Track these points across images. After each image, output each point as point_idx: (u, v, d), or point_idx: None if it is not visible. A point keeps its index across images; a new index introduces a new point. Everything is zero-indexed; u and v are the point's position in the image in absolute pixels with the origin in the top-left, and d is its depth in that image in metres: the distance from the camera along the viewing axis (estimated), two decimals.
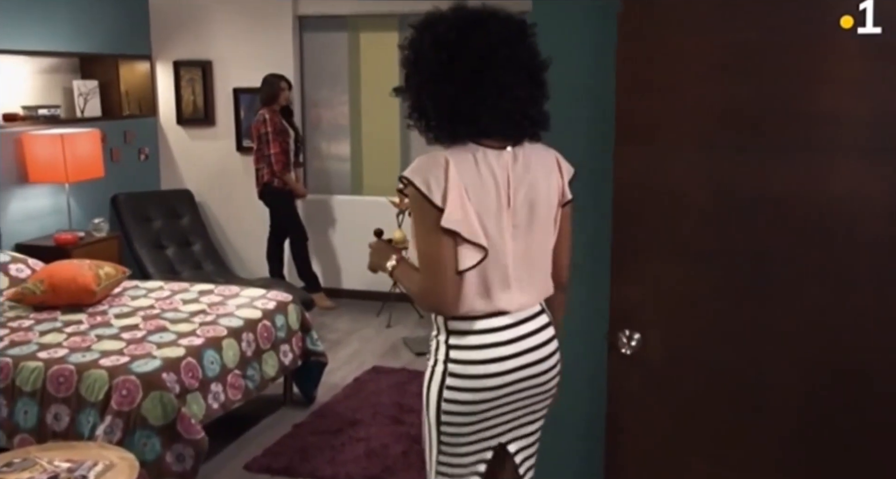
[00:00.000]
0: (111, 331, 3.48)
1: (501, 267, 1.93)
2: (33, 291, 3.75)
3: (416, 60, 1.90)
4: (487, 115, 1.86)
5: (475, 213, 1.86)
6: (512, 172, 1.93)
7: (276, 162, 5.37)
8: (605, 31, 2.20)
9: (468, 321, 1.92)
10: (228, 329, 3.54)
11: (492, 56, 1.84)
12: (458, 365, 1.91)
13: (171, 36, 5.98)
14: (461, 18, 1.87)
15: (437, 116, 1.90)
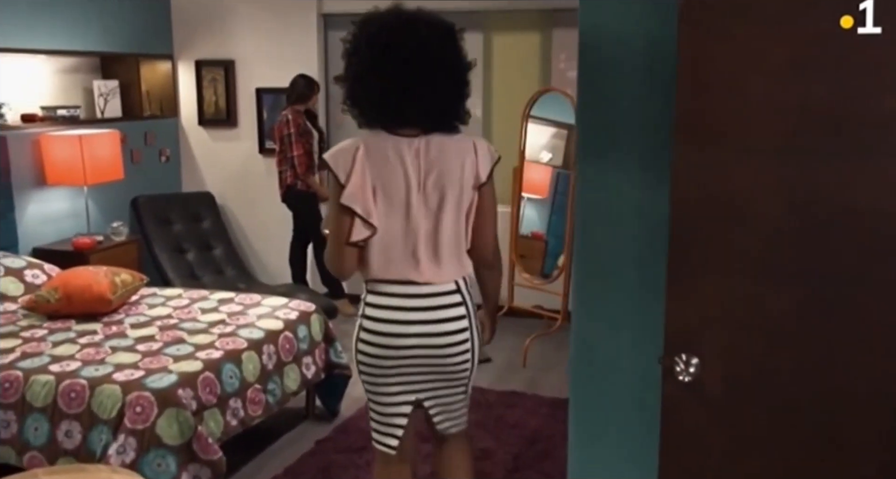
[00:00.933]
0: (126, 342, 3.32)
1: (410, 243, 2.18)
2: (47, 299, 3.61)
3: (352, 54, 2.17)
4: (410, 108, 2.14)
5: (377, 193, 2.14)
6: (423, 158, 2.17)
7: (300, 164, 5.21)
8: (663, 23, 2.00)
9: (379, 284, 2.23)
10: (249, 341, 3.37)
11: (417, 55, 2.09)
12: (368, 321, 2.24)
13: (193, 35, 5.84)
14: (393, 20, 2.12)
15: (367, 105, 2.18)
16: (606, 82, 2.17)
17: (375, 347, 2.23)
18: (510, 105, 5.44)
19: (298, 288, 5.23)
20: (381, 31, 2.13)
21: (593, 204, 2.24)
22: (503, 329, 5.26)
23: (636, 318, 2.21)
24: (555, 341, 4.95)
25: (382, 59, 2.12)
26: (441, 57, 2.16)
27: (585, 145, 2.24)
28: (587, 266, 2.29)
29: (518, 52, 5.44)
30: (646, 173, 2.15)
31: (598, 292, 2.29)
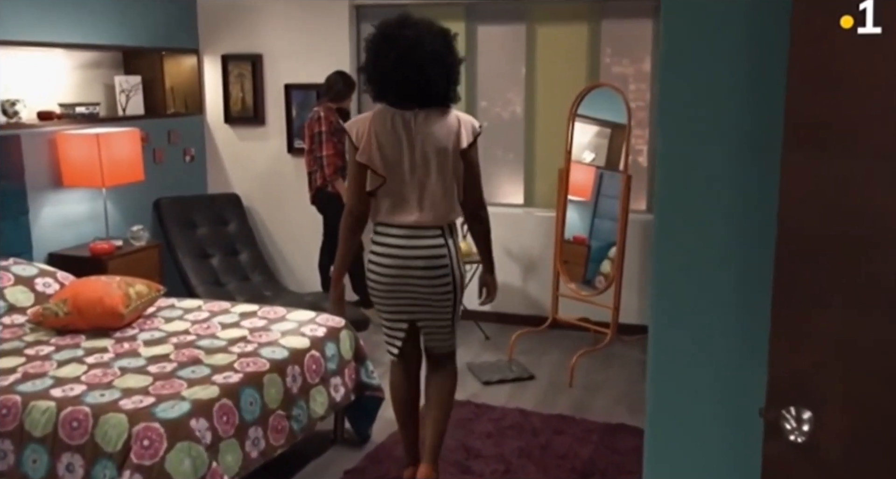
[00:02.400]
0: (137, 363, 3.02)
1: (403, 192, 2.82)
2: (56, 312, 3.33)
3: (369, 48, 2.81)
4: (406, 88, 2.77)
5: (380, 152, 2.79)
6: (414, 128, 2.80)
7: (328, 165, 4.88)
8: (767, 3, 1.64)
9: (382, 226, 2.88)
10: (271, 362, 3.05)
11: (412, 48, 2.70)
12: (373, 255, 2.90)
13: (220, 28, 5.55)
14: (399, 22, 2.77)
15: (376, 85, 2.83)
16: (696, 73, 1.80)
17: (382, 269, 2.88)
18: (554, 102, 5.07)
19: (328, 296, 4.89)
20: (388, 29, 2.79)
21: (678, 209, 1.88)
22: (546, 344, 4.98)
23: (731, 350, 1.85)
24: (604, 357, 4.58)
25: (387, 50, 2.75)
26: (432, 50, 2.75)
27: (669, 143, 1.87)
28: (668, 282, 1.93)
29: (564, 45, 5.07)
30: (745, 179, 1.78)
31: (682, 315, 1.92)
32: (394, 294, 2.91)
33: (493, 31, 5.28)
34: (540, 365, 4.55)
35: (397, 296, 2.91)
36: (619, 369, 4.50)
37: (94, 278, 3.58)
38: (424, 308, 2.94)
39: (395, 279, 2.87)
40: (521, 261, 5.23)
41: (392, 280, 2.87)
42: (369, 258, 2.90)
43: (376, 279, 2.90)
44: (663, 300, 1.93)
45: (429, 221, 2.82)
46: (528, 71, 5.18)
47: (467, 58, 5.23)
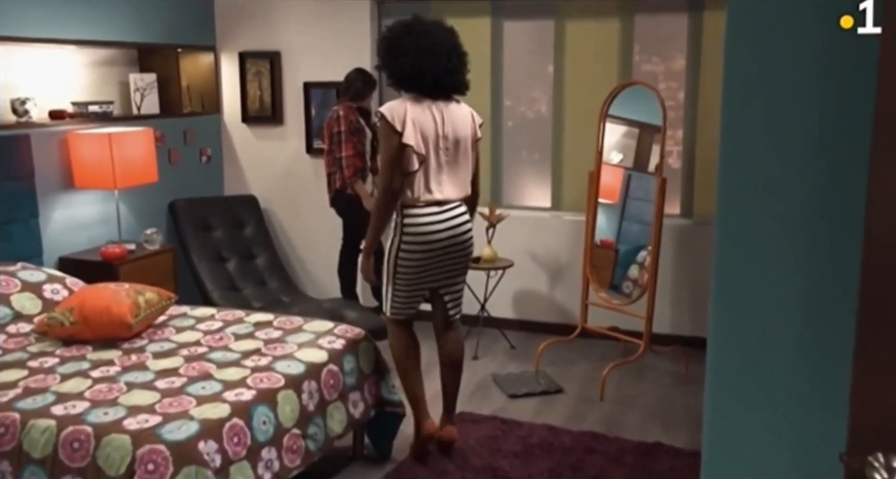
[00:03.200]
0: (145, 377, 2.84)
1: (436, 173, 3.12)
2: (61, 321, 3.17)
3: (390, 47, 3.10)
4: (437, 80, 3.09)
5: (420, 136, 3.06)
6: (445, 114, 3.14)
7: (348, 166, 4.69)
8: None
9: (417, 207, 3.12)
10: (286, 378, 2.87)
11: (437, 45, 3.07)
12: (409, 236, 3.12)
13: (237, 24, 5.38)
14: (418, 21, 3.13)
15: (402, 78, 3.11)
16: (766, 69, 1.60)
17: (422, 245, 3.15)
18: (583, 101, 4.86)
19: (347, 303, 4.74)
20: (409, 26, 3.11)
21: (742, 222, 1.68)
22: (574, 354, 4.77)
23: (802, 385, 1.64)
24: (635, 369, 4.36)
25: (416, 43, 3.06)
26: (451, 43, 3.15)
27: (732, 151, 1.67)
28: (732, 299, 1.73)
29: (594, 41, 4.85)
30: (818, 193, 1.58)
31: (745, 345, 1.72)
32: (429, 265, 3.20)
33: (520, 28, 5.07)
34: (568, 377, 4.34)
35: (432, 267, 3.21)
36: (652, 383, 4.28)
37: (102, 286, 3.42)
38: (451, 274, 3.29)
39: (434, 251, 3.17)
40: (548, 266, 5.02)
41: (431, 253, 3.16)
42: (405, 238, 3.13)
43: (415, 255, 3.15)
44: (724, 330, 1.73)
45: (456, 196, 3.21)
46: (556, 69, 4.96)
47: (494, 55, 5.04)
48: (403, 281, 3.22)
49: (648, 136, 4.42)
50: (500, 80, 5.09)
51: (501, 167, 5.19)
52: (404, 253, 3.15)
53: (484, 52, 5.04)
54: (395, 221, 3.16)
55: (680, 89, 4.76)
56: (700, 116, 4.67)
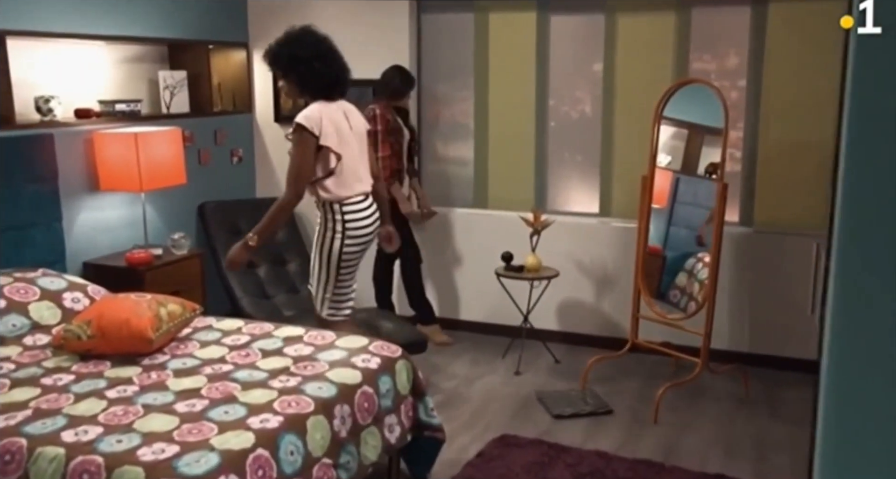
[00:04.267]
0: (164, 398, 2.62)
1: (356, 167, 3.38)
2: (78, 335, 2.96)
3: (295, 57, 3.30)
4: (341, 85, 3.40)
5: (337, 136, 3.28)
6: (347, 112, 3.42)
7: (385, 167, 4.45)
8: None
9: (352, 203, 3.35)
10: (317, 402, 2.62)
11: (332, 52, 3.39)
12: (351, 229, 3.34)
13: (271, 20, 5.16)
14: (314, 31, 3.39)
15: (317, 85, 3.33)
16: None
17: (361, 240, 3.39)
18: (635, 100, 4.56)
19: (382, 313, 4.49)
20: (313, 35, 3.36)
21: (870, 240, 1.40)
22: (622, 370, 4.49)
23: None
24: (691, 389, 4.05)
25: (321, 54, 3.31)
26: (337, 50, 3.41)
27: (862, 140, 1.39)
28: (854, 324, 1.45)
29: (648, 37, 4.54)
30: None
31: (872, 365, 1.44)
32: (362, 254, 3.44)
33: (568, 22, 4.79)
34: (618, 397, 4.05)
35: (362, 255, 3.46)
36: (711, 404, 3.97)
37: (122, 296, 3.20)
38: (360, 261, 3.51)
39: (368, 241, 3.43)
40: (595, 276, 4.73)
41: (366, 243, 3.42)
42: (348, 233, 3.32)
43: (356, 247, 3.37)
44: (844, 358, 1.44)
45: (369, 187, 3.45)
46: (606, 66, 4.66)
47: (539, 51, 4.76)
48: (345, 277, 3.41)
49: (698, 137, 4.14)
50: (546, 77, 4.81)
51: (546, 170, 4.91)
52: (348, 248, 3.33)
53: (529, 48, 4.77)
54: (329, 221, 3.33)
55: (733, 88, 4.44)
56: (762, 117, 4.34)
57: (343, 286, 3.44)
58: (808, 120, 4.23)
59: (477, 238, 4.96)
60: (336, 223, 3.32)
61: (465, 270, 5.02)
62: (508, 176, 4.97)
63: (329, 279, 3.39)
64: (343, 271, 3.39)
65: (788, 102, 4.27)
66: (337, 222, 3.32)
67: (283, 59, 3.30)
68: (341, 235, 3.31)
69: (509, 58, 4.86)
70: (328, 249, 3.34)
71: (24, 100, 3.90)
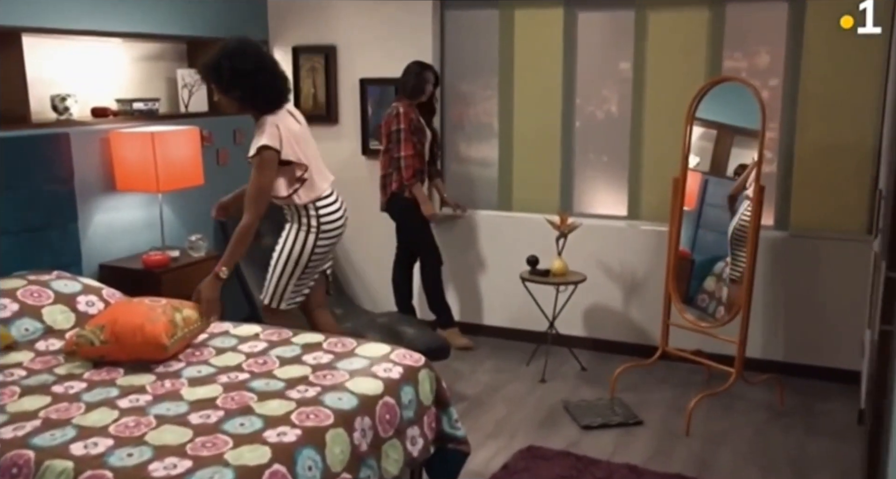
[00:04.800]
0: (178, 408, 2.51)
1: (319, 165, 3.44)
2: (91, 340, 2.86)
3: (240, 72, 3.20)
4: (279, 96, 3.31)
5: (297, 145, 3.31)
6: (294, 114, 3.44)
7: (407, 167, 4.34)
8: None
9: (324, 199, 3.41)
10: (336, 414, 2.50)
11: (273, 62, 3.37)
12: (326, 225, 3.42)
13: (291, 17, 5.07)
14: (247, 44, 3.31)
15: (264, 98, 3.28)
16: None
17: (333, 235, 3.45)
18: (666, 99, 4.42)
19: (403, 318, 4.37)
20: (255, 47, 3.30)
21: None
22: (652, 379, 4.35)
23: None
24: (724, 399, 3.90)
25: (269, 69, 3.28)
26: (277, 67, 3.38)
27: None
28: None
29: (680, 33, 4.39)
30: None
31: None
32: (332, 249, 3.53)
33: (596, 19, 4.64)
34: (647, 406, 3.90)
35: (332, 250, 3.54)
36: (744, 415, 3.82)
37: (136, 301, 3.11)
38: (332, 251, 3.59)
39: (340, 234, 3.51)
40: (623, 281, 4.58)
41: (339, 236, 3.50)
42: (322, 228, 3.38)
43: (328, 242, 3.44)
44: None
45: (332, 176, 3.53)
46: (635, 64, 4.52)
47: (566, 49, 4.63)
48: (311, 272, 3.47)
49: (727, 138, 4.00)
50: (573, 76, 4.67)
51: (572, 171, 4.77)
52: (321, 243, 3.41)
53: (555, 46, 4.64)
54: (303, 220, 3.38)
55: (764, 87, 4.28)
56: (800, 117, 4.18)
57: (305, 279, 3.49)
58: (846, 119, 4.06)
59: (501, 241, 4.83)
60: (311, 220, 3.38)
61: (488, 274, 4.89)
62: (534, 177, 4.83)
63: (294, 273, 3.43)
64: (311, 265, 3.43)
65: (826, 101, 4.10)
66: (311, 219, 3.38)
67: (226, 73, 3.17)
68: (316, 232, 3.38)
69: (535, 55, 4.72)
70: (301, 245, 3.39)
71: (40, 98, 3.82)
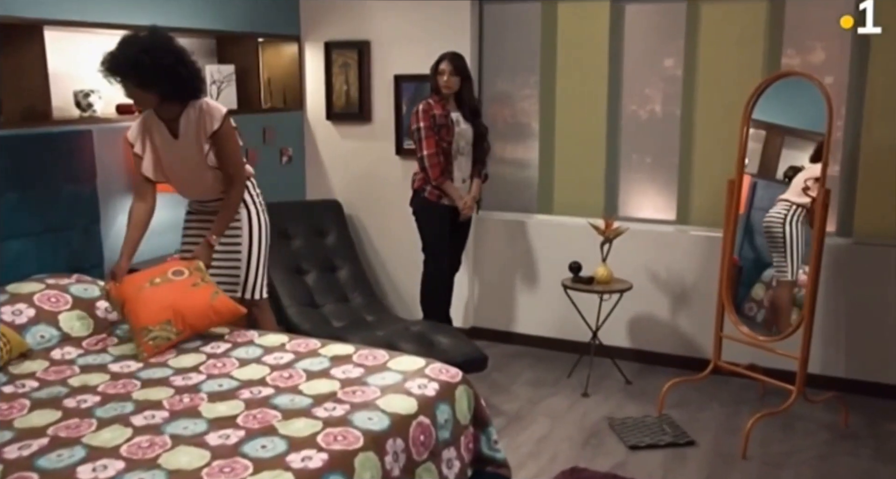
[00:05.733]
0: (195, 427, 2.31)
1: None
2: (168, 337, 2.83)
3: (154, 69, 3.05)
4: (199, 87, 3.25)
5: None
6: None
7: (431, 166, 4.08)
8: None
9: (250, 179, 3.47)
10: (366, 436, 2.29)
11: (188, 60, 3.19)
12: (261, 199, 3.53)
13: (324, 11, 4.89)
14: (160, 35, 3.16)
15: (176, 94, 3.17)
16: None
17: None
18: (719, 97, 4.15)
19: (438, 326, 4.14)
20: (176, 46, 3.16)
21: None
22: (703, 395, 4.07)
23: None
24: (782, 419, 3.62)
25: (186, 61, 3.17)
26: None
27: None
28: None
29: (735, 27, 4.12)
30: None
31: None
32: None
33: (645, 11, 4.39)
34: (699, 425, 3.64)
35: None
36: (806, 437, 3.54)
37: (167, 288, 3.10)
38: None
39: None
40: (671, 289, 4.32)
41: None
42: (262, 205, 3.48)
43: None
44: None
45: None
46: (686, 60, 4.25)
47: (612, 44, 4.38)
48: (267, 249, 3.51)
49: (776, 139, 3.76)
50: (619, 72, 4.42)
51: (617, 173, 4.51)
52: (267, 219, 3.49)
53: (601, 41, 4.39)
54: (254, 198, 3.41)
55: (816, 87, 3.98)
56: (866, 117, 3.89)
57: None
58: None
59: (541, 246, 4.59)
60: (256, 197, 3.44)
61: (527, 280, 4.66)
62: (576, 179, 4.59)
63: (267, 254, 3.47)
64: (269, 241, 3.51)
65: (895, 99, 3.81)
66: (256, 196, 3.45)
67: (147, 68, 3.01)
68: (263, 207, 3.47)
69: (579, 51, 4.48)
70: (264, 222, 3.45)
71: (63, 94, 3.67)
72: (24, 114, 3.48)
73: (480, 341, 4.63)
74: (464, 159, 4.19)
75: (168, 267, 3.20)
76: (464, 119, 4.14)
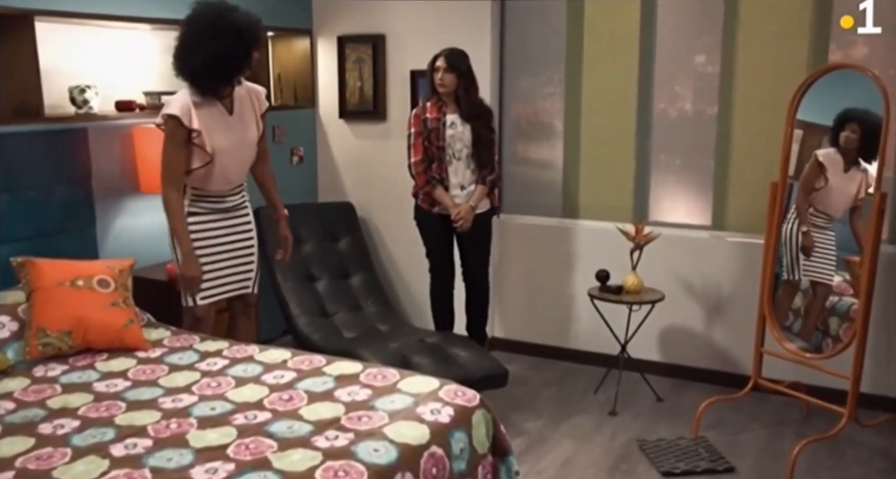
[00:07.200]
0: (181, 459, 2.07)
1: None
2: (59, 347, 2.49)
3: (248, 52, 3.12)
4: None
5: None
6: None
7: (417, 175, 3.80)
8: None
9: None
10: (371, 470, 2.03)
11: None
12: None
13: (337, 4, 4.64)
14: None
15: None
16: None
17: None
18: (760, 95, 3.86)
19: (455, 338, 3.88)
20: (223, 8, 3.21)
21: None
22: (741, 415, 3.70)
23: None
24: (830, 443, 3.31)
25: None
26: None
27: None
28: None
29: (778, 17, 3.82)
30: None
31: None
32: None
33: (679, 4, 4.07)
34: (738, 449, 3.35)
35: None
36: (858, 465, 3.23)
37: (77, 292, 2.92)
38: None
39: None
40: (706, 299, 4.03)
41: None
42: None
43: None
44: None
45: None
46: (724, 54, 3.95)
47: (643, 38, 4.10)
48: None
49: (814, 139, 3.48)
50: (650, 70, 4.13)
51: (648, 175, 4.22)
52: None
53: (631, 36, 4.11)
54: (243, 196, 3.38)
55: None
56: None
57: None
58: None
59: (566, 253, 4.31)
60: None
61: (551, 289, 4.38)
62: (604, 182, 4.30)
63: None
64: None
65: None
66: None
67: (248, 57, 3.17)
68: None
69: (608, 47, 4.20)
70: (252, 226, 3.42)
71: (58, 90, 3.45)
72: (14, 110, 3.26)
73: (500, 353, 4.38)
74: (461, 164, 3.82)
75: (101, 273, 3.01)
76: (461, 121, 3.81)
